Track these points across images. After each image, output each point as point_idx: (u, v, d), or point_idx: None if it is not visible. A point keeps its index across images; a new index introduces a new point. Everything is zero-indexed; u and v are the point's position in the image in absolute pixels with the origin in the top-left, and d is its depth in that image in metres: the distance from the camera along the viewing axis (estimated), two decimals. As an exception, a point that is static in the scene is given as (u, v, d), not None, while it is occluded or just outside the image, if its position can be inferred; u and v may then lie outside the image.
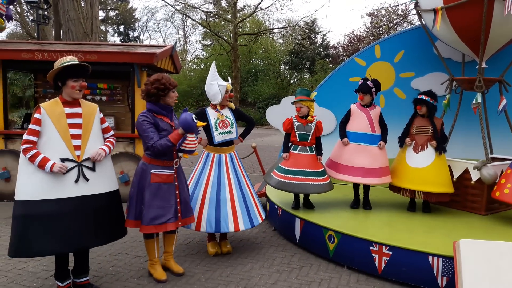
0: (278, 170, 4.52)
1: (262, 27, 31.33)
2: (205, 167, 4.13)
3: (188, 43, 40.95)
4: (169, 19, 39.91)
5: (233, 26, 26.41)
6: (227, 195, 4.06)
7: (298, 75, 32.67)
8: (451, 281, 3.32)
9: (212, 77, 4.11)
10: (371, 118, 4.66)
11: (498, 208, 4.72)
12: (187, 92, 29.53)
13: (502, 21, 4.40)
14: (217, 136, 4.06)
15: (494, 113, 5.13)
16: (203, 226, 3.95)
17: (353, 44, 23.59)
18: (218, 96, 4.07)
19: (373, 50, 6.15)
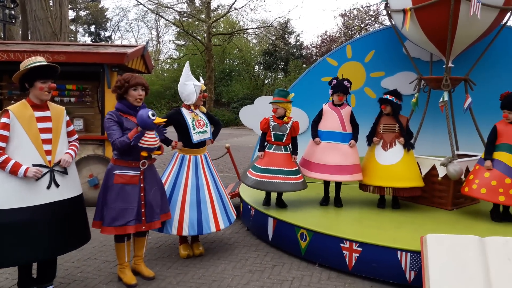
0: (253, 169, 4.55)
1: (236, 27, 31.33)
2: (181, 170, 4.07)
3: (161, 43, 40.52)
4: (141, 19, 39.39)
5: (207, 26, 26.32)
6: (206, 196, 4.04)
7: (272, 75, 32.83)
8: (419, 275, 3.39)
9: (186, 77, 4.07)
10: (342, 117, 4.73)
11: (464, 202, 4.87)
12: (160, 92, 29.18)
13: (468, 22, 4.53)
14: (195, 135, 4.02)
15: (460, 111, 5.28)
16: (185, 230, 3.91)
17: (326, 44, 23.91)
18: (193, 96, 4.03)
19: (344, 50, 6.24)
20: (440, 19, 4.60)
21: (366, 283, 3.60)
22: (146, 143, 3.28)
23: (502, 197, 4.03)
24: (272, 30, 29.78)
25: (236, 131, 22.18)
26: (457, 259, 3.14)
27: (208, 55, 26.63)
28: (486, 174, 4.14)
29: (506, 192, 4.02)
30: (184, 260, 4.04)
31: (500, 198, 4.04)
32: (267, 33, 30.19)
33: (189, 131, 3.97)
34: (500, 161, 4.11)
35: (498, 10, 4.55)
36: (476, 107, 5.21)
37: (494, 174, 4.10)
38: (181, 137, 4.05)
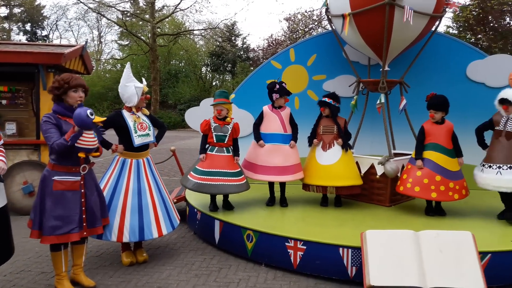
0: (194, 172, 4.50)
1: (182, 28, 30.90)
2: (122, 174, 3.94)
3: (103, 43, 39.07)
4: (81, 18, 37.66)
5: (151, 26, 25.69)
6: (148, 202, 3.94)
7: (219, 77, 32.78)
8: (360, 271, 3.53)
9: (127, 78, 3.96)
10: (282, 119, 4.84)
11: (400, 199, 5.15)
12: (102, 94, 28.15)
13: (402, 27, 4.79)
14: (137, 138, 3.91)
15: (396, 112, 5.57)
16: (126, 236, 3.79)
17: (272, 47, 24.26)
18: (134, 98, 3.92)
19: (288, 53, 6.36)
20: (376, 24, 4.83)
21: (310, 280, 3.69)
22: (84, 143, 3.15)
23: (434, 193, 4.30)
24: (219, 32, 29.73)
25: (183, 133, 21.88)
26: (394, 253, 3.31)
27: (153, 56, 26.02)
28: (418, 173, 4.40)
29: (437, 188, 4.30)
30: (127, 268, 3.91)
31: (433, 194, 4.30)
32: (214, 34, 30.09)
33: (130, 134, 3.85)
34: (429, 159, 4.38)
35: (428, 17, 4.86)
36: (411, 108, 5.52)
37: (425, 172, 4.37)
38: (122, 140, 3.92)
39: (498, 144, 4.22)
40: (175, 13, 28.45)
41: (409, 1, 4.60)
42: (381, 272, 3.20)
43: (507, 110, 4.17)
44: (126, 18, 27.48)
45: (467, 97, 5.86)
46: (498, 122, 4.26)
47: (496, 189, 4.17)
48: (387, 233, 3.47)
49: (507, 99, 4.13)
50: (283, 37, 24.25)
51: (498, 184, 4.14)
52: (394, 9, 4.68)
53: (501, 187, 4.12)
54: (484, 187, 4.27)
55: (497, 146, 4.22)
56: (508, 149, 4.14)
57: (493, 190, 4.21)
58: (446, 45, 6.01)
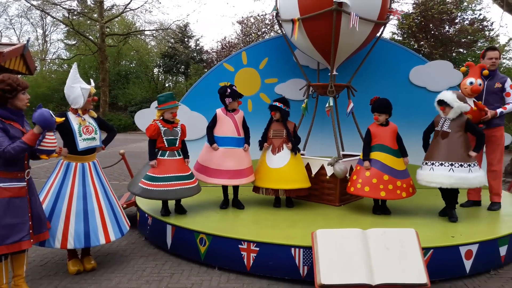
0: (147, 179, 4.35)
1: (133, 28, 30.11)
2: (66, 178, 3.78)
3: (48, 42, 37.24)
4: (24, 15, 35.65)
5: (100, 26, 24.82)
6: (95, 207, 3.80)
7: (172, 78, 32.28)
8: (311, 270, 3.61)
9: (73, 79, 3.81)
10: (236, 122, 4.87)
11: (350, 199, 5.32)
12: (48, 95, 26.84)
13: (348, 33, 4.96)
14: (81, 142, 3.76)
15: (344, 115, 5.76)
16: (71, 243, 3.63)
17: (225, 50, 24.24)
18: (80, 100, 3.78)
19: (240, 56, 6.38)
20: (324, 29, 4.97)
21: (263, 281, 3.72)
22: (47, 145, 3.09)
23: (383, 192, 4.48)
24: (171, 33, 29.27)
25: (134, 136, 21.32)
26: (344, 251, 3.42)
27: (101, 56, 25.15)
28: (367, 173, 4.58)
29: (386, 187, 4.49)
30: (74, 277, 3.75)
31: (382, 193, 4.49)
32: (166, 35, 29.58)
33: (74, 138, 3.71)
34: (377, 160, 4.57)
35: (373, 24, 5.08)
36: (358, 111, 5.73)
37: (373, 172, 4.55)
38: (67, 143, 3.77)
39: (435, 143, 4.49)
40: (125, 13, 27.68)
41: (355, 8, 4.78)
42: (331, 271, 3.28)
43: (444, 111, 4.43)
44: (72, 16, 26.36)
45: (410, 101, 6.17)
46: (438, 123, 4.53)
47: (428, 184, 4.40)
48: (336, 232, 3.58)
49: (444, 100, 4.39)
50: (236, 40, 24.31)
51: (429, 179, 4.38)
52: (341, 15, 4.84)
53: (431, 182, 4.36)
54: (420, 182, 4.50)
55: (434, 145, 4.49)
56: (442, 147, 4.39)
57: (426, 185, 4.43)
58: (390, 51, 6.30)
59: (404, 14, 16.33)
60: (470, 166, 4.28)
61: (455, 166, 4.27)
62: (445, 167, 4.31)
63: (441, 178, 4.30)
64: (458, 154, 4.31)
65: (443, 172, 4.30)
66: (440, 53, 16.48)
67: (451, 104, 4.35)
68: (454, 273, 3.78)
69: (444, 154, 4.35)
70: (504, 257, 4.06)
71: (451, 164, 4.29)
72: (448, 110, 4.40)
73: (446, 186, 4.29)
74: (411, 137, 5.04)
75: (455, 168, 4.27)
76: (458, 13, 17.44)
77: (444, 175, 4.28)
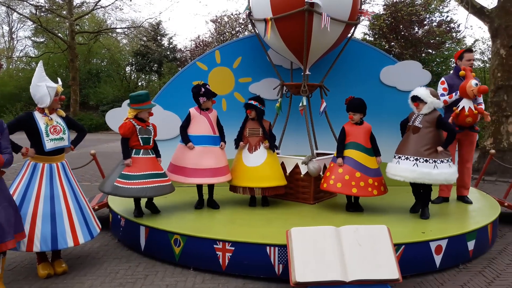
0: (123, 178, 4.28)
1: (103, 26, 29.45)
2: (33, 179, 3.68)
3: (15, 39, 35.98)
4: (-13, 11, 34.32)
5: (69, 23, 24.16)
6: (62, 208, 3.71)
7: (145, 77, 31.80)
8: (286, 268, 3.64)
9: (39, 77, 3.73)
10: (211, 120, 4.85)
11: (323, 197, 5.39)
12: (14, 95, 25.95)
13: (320, 33, 5.02)
14: (48, 142, 3.66)
15: (317, 114, 5.82)
16: (37, 246, 3.53)
17: (199, 48, 24.04)
18: (46, 98, 3.69)
19: (213, 55, 6.35)
20: (297, 29, 5.01)
21: (239, 281, 3.73)
22: None
23: (354, 189, 4.56)
24: (143, 31, 28.80)
25: (106, 136, 20.89)
26: (318, 249, 3.45)
27: (71, 54, 24.50)
28: (340, 170, 4.65)
29: (357, 184, 4.57)
30: (44, 281, 3.65)
31: (353, 190, 4.57)
32: (138, 33, 29.08)
33: (41, 138, 3.61)
34: (350, 157, 4.65)
35: (344, 24, 5.16)
36: (331, 111, 5.81)
37: (346, 169, 4.62)
38: (33, 143, 3.66)
39: (405, 137, 4.60)
40: (95, 10, 27.05)
41: (326, 8, 4.85)
42: (306, 268, 3.31)
43: (418, 107, 4.52)
44: (40, 13, 25.55)
45: (381, 100, 6.29)
46: (410, 118, 4.64)
47: (392, 177, 4.50)
48: (310, 230, 3.61)
49: (418, 96, 4.49)
50: (210, 38, 24.16)
51: (394, 172, 4.50)
52: (312, 16, 4.89)
53: (396, 175, 4.47)
54: (387, 175, 4.59)
55: (404, 139, 4.60)
56: (410, 142, 4.49)
57: (392, 178, 4.52)
58: (362, 51, 6.41)
59: (375, 15, 16.64)
60: (436, 162, 4.34)
61: (419, 161, 4.37)
62: (410, 161, 4.41)
63: (405, 172, 4.39)
64: (425, 150, 4.39)
65: (407, 166, 4.39)
66: (410, 53, 16.90)
67: (425, 99, 4.45)
68: (425, 268, 3.90)
69: (412, 148, 4.45)
70: (472, 251, 4.21)
71: (416, 159, 4.38)
72: (421, 105, 4.49)
73: (409, 180, 4.39)
74: (382, 135, 5.15)
75: (420, 163, 4.36)
76: (426, 15, 17.92)
77: (408, 169, 4.38)
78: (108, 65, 31.32)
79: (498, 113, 9.43)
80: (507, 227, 5.46)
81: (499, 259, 4.32)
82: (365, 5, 16.55)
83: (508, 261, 4.26)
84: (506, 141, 9.24)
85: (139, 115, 4.44)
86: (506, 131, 9.21)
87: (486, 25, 9.77)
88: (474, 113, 4.79)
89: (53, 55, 28.01)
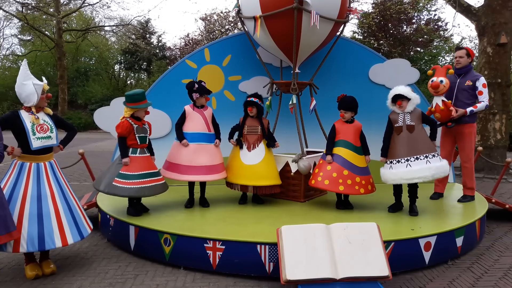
0: (122, 178, 4.24)
1: (92, 24, 29.14)
2: (19, 179, 3.62)
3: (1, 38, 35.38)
4: (-30, 8, 33.66)
5: (57, 21, 23.86)
6: (50, 208, 3.66)
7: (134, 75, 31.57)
8: (277, 266, 3.64)
9: (24, 76, 3.67)
10: (206, 118, 4.83)
11: (314, 194, 5.41)
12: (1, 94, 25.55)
13: (309, 31, 5.03)
14: (35, 141, 3.61)
15: (307, 112, 5.84)
16: (23, 246, 3.47)
17: (189, 46, 23.94)
18: (33, 97, 3.64)
19: (202, 53, 6.32)
20: (286, 27, 5.01)
21: (229, 280, 3.71)
22: None
23: (341, 186, 4.58)
24: (131, 29, 28.56)
25: (96, 135, 20.69)
26: (308, 246, 3.46)
27: (59, 53, 24.19)
28: (328, 167, 4.66)
29: (345, 182, 4.58)
30: (32, 282, 3.60)
31: (340, 187, 4.58)
32: (127, 31, 28.84)
33: (27, 137, 3.56)
34: (339, 155, 4.66)
35: (333, 22, 5.17)
36: (321, 109, 5.83)
37: (334, 167, 4.64)
38: (20, 143, 3.62)
39: (401, 139, 4.46)
40: (83, 8, 26.76)
41: (316, 6, 4.85)
42: (296, 266, 3.32)
43: (401, 106, 4.47)
44: (27, 11, 25.18)
45: (370, 98, 6.30)
46: (396, 119, 4.56)
47: (409, 181, 4.38)
48: (301, 228, 3.62)
49: (401, 94, 4.44)
50: (200, 36, 24.06)
51: (411, 176, 4.35)
52: (302, 14, 4.89)
53: (414, 178, 4.35)
54: (399, 182, 4.43)
55: (401, 142, 4.46)
56: (410, 142, 4.41)
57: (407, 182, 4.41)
58: (351, 49, 6.43)
59: (363, 13, 16.73)
60: (435, 155, 4.43)
61: (429, 158, 4.39)
62: (421, 160, 4.39)
63: (422, 172, 4.32)
64: (428, 145, 4.44)
65: (421, 166, 4.35)
66: (398, 51, 17.04)
67: (409, 96, 4.46)
68: (415, 264, 3.93)
69: (417, 147, 4.40)
70: (461, 247, 4.26)
71: (425, 156, 4.40)
72: (405, 103, 4.48)
73: (429, 179, 4.37)
74: (371, 133, 5.15)
75: (430, 159, 4.39)
76: (414, 13, 18.08)
77: (423, 169, 4.34)
78: (96, 64, 31.01)
79: (485, 111, 9.55)
80: (495, 223, 5.53)
81: (487, 255, 4.37)
82: (354, 3, 16.63)
83: (496, 257, 4.32)
84: (493, 138, 9.35)
85: (135, 114, 4.41)
86: (493, 128, 9.32)
87: (473, 24, 9.87)
88: (440, 109, 4.86)
89: (40, 53, 27.66)
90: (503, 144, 9.38)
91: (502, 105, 9.23)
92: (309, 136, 6.00)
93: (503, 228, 5.35)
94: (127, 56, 28.50)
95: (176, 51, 27.56)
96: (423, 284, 3.65)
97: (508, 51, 9.37)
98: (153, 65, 28.20)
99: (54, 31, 25.32)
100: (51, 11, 24.50)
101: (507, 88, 9.37)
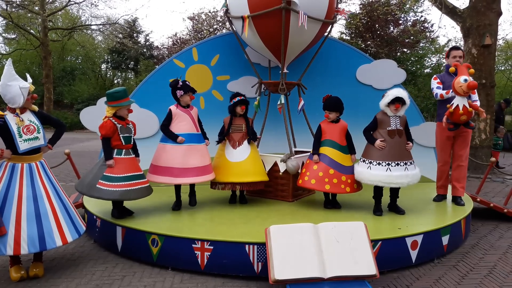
0: (106, 180, 4.10)
1: (78, 23, 28.78)
2: (12, 181, 3.57)
3: (-16, 36, 34.73)
4: (-47, 5, 32.93)
5: (42, 19, 23.51)
6: (47, 208, 3.63)
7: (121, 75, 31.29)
8: (265, 266, 3.64)
9: (9, 77, 3.58)
10: (193, 118, 4.77)
11: (302, 194, 5.43)
12: (-15, 93, 24.98)
13: (297, 31, 5.05)
14: (22, 143, 3.55)
15: (296, 112, 5.85)
16: (24, 248, 3.44)
17: (177, 46, 23.79)
18: (19, 99, 3.57)
19: (190, 52, 6.29)
20: (274, 27, 5.02)
21: (218, 280, 3.70)
22: None
23: (328, 185, 4.60)
24: (119, 28, 28.28)
25: (82, 135, 20.45)
26: (296, 245, 3.47)
27: (44, 51, 23.84)
28: (315, 167, 4.69)
29: (331, 181, 4.60)
30: (17, 284, 3.55)
31: (326, 186, 4.61)
32: (114, 30, 28.54)
33: (14, 139, 3.50)
34: (325, 155, 4.69)
35: (321, 23, 5.19)
36: (309, 109, 5.85)
37: (320, 166, 4.66)
38: (8, 145, 3.56)
39: (388, 143, 4.42)
40: (69, 6, 26.41)
41: (303, 6, 4.87)
42: (285, 266, 3.33)
43: (397, 109, 4.44)
44: (11, 9, 24.74)
45: (357, 98, 6.38)
46: (387, 121, 4.49)
47: (397, 185, 4.40)
48: (289, 227, 3.63)
49: (401, 97, 4.41)
50: (188, 36, 23.92)
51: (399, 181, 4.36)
52: (290, 14, 4.91)
53: (391, 183, 4.38)
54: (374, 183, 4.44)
55: (388, 145, 4.42)
56: (396, 147, 4.43)
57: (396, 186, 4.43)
58: (338, 50, 6.49)
59: (351, 14, 16.84)
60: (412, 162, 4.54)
61: (407, 165, 4.46)
62: (400, 166, 4.41)
63: (401, 179, 4.37)
64: (408, 152, 4.51)
65: (400, 173, 4.38)
66: (385, 52, 17.17)
67: (406, 101, 4.48)
68: (402, 263, 3.97)
69: (399, 153, 4.44)
70: (446, 246, 4.32)
71: (405, 163, 4.44)
72: (401, 107, 4.49)
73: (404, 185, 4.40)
74: (358, 133, 5.17)
75: (408, 166, 4.45)
76: (401, 14, 18.26)
77: (402, 175, 4.38)
78: (83, 63, 30.66)
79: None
80: (480, 221, 5.62)
81: (472, 253, 4.44)
82: (342, 4, 16.73)
83: (481, 255, 4.39)
84: (478, 138, 9.51)
85: (118, 113, 4.25)
86: (478, 128, 9.47)
87: (459, 25, 10.02)
88: (468, 111, 4.60)
89: (25, 52, 27.24)
90: (487, 143, 9.55)
91: (486, 105, 9.38)
92: (298, 136, 6.02)
93: (487, 226, 5.44)
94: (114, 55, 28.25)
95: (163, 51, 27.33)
96: (410, 283, 3.69)
97: (493, 52, 9.54)
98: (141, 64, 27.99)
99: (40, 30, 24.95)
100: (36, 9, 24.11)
101: (492, 89, 9.54)
